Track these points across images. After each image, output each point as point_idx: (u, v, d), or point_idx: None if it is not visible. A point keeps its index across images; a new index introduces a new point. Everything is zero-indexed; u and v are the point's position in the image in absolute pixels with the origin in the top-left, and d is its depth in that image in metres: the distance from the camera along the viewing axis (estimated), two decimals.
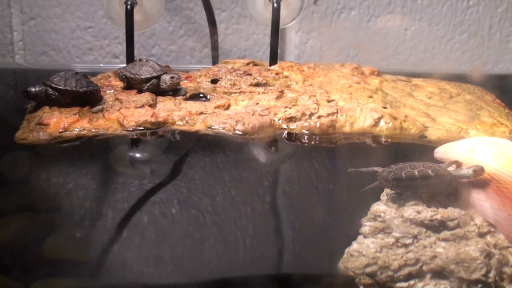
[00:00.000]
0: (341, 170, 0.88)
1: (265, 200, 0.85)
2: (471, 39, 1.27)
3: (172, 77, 0.97)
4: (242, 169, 0.91)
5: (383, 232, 0.65)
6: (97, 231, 0.78)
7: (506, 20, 1.27)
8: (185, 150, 0.91)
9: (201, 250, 0.74)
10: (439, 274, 0.61)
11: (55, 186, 0.86)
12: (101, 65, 1.22)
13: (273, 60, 1.12)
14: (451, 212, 0.68)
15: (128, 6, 1.10)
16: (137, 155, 0.92)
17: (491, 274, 0.61)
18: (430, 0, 1.26)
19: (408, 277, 0.61)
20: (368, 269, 0.63)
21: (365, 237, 0.65)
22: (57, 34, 1.25)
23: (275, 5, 1.11)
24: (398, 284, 0.61)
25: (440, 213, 0.68)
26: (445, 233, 0.64)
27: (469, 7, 1.26)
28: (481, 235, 0.64)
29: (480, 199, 0.69)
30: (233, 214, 0.81)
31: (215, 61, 1.18)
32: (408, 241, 0.64)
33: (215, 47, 1.20)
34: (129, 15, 1.10)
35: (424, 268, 0.61)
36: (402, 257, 0.62)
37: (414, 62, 1.28)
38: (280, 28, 1.20)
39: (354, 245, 0.64)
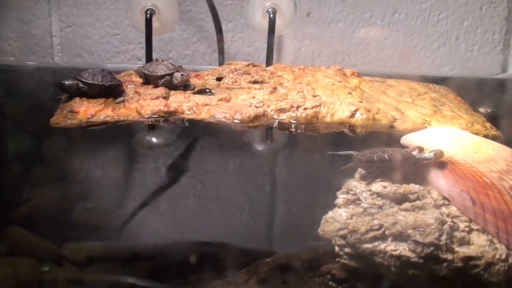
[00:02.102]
0: (322, 153, 0.87)
1: (258, 177, 0.85)
2: (441, 47, 1.27)
3: (182, 75, 0.98)
4: (239, 150, 0.91)
5: (354, 203, 0.66)
6: (121, 200, 0.78)
7: (471, 32, 1.26)
8: (192, 134, 0.92)
9: (207, 211, 0.75)
10: (399, 237, 0.61)
11: (83, 162, 0.87)
12: (125, 65, 1.22)
13: (269, 62, 1.12)
14: (412, 187, 0.67)
15: (148, 15, 1.09)
16: (152, 137, 0.93)
17: (443, 238, 0.61)
18: (405, 15, 1.25)
19: (373, 239, 0.61)
20: (341, 232, 0.63)
21: (339, 207, 0.66)
22: (89, 39, 1.25)
23: (271, 15, 1.11)
24: (365, 245, 0.61)
25: (403, 188, 0.67)
26: (406, 204, 0.65)
27: (439, 20, 1.25)
28: (437, 206, 0.65)
29: (437, 177, 0.69)
30: (231, 185, 0.82)
31: (221, 63, 1.18)
32: (374, 210, 0.65)
33: (221, 52, 1.20)
34: (149, 23, 1.10)
35: (387, 232, 0.61)
36: (368, 223, 0.63)
37: (392, 67, 1.27)
38: (276, 35, 1.16)
39: (330, 213, 0.65)
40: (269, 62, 1.13)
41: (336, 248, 0.62)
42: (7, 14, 1.22)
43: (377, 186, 0.67)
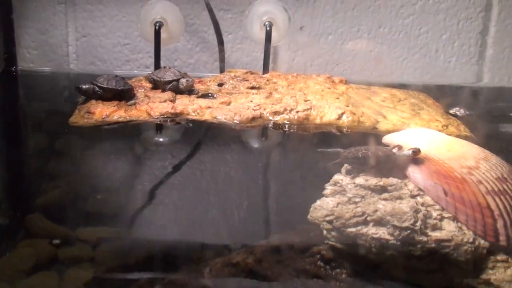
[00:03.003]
0: (313, 150, 0.88)
1: (255, 170, 0.86)
2: (421, 59, 1.27)
3: (187, 80, 0.99)
4: (238, 147, 0.90)
5: (340, 193, 0.67)
6: (131, 190, 0.79)
7: (449, 45, 1.26)
8: (195, 133, 0.92)
9: (209, 200, 0.76)
10: (379, 222, 0.62)
11: (97, 157, 0.87)
12: (135, 71, 1.22)
13: (265, 70, 1.14)
14: (391, 180, 0.67)
15: (157, 27, 1.10)
16: (160, 136, 0.94)
17: (418, 223, 0.62)
18: (389, 29, 1.25)
19: (356, 224, 0.62)
20: (327, 218, 0.63)
21: (326, 197, 0.67)
22: (103, 48, 1.25)
23: (267, 28, 1.11)
24: (349, 229, 0.62)
25: (383, 181, 0.67)
26: (385, 195, 0.65)
27: (420, 34, 1.25)
28: (412, 196, 0.65)
29: (414, 171, 0.70)
30: (231, 177, 0.83)
31: (222, 71, 1.19)
32: (358, 200, 0.65)
33: (222, 60, 1.20)
34: (157, 34, 1.10)
35: (368, 218, 0.62)
36: (352, 210, 0.64)
37: (376, 76, 1.26)
38: (272, 46, 1.16)
39: (318, 202, 0.66)
40: (265, 70, 1.14)
41: (324, 232, 0.63)
42: (27, 24, 1.22)
43: (361, 179, 0.68)
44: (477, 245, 0.61)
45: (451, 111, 1.04)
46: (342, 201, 0.65)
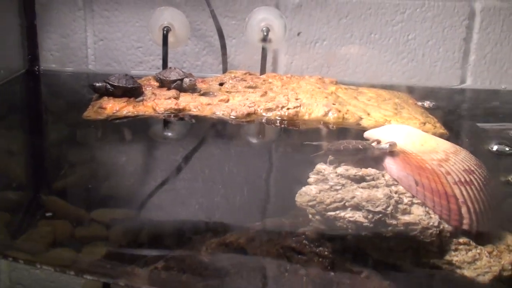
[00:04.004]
0: (300, 143, 0.88)
1: (249, 160, 0.86)
2: (409, 63, 1.26)
3: (190, 80, 0.99)
4: (234, 140, 0.91)
5: (322, 182, 0.67)
6: (141, 176, 0.79)
7: (435, 51, 1.26)
8: (196, 127, 0.92)
9: (209, 187, 0.76)
10: (355, 207, 0.62)
11: (109, 147, 0.88)
12: (146, 72, 1.23)
13: (262, 71, 1.15)
14: (369, 171, 0.67)
15: (165, 32, 1.11)
16: (164, 128, 0.94)
17: (389, 208, 0.62)
18: (380, 35, 1.25)
19: (336, 209, 0.63)
20: (310, 203, 0.64)
21: (310, 184, 0.67)
22: (118, 51, 1.26)
23: (265, 33, 1.12)
24: (329, 213, 0.62)
25: (362, 171, 0.67)
26: (363, 184, 0.66)
27: (408, 40, 1.25)
28: (387, 185, 0.65)
29: (390, 163, 0.70)
30: (228, 166, 0.83)
31: (224, 72, 1.19)
32: (338, 187, 0.65)
33: (225, 63, 1.22)
34: (165, 38, 1.11)
35: (346, 204, 0.63)
36: (332, 197, 0.64)
37: (367, 78, 1.26)
38: (270, 50, 1.19)
39: (303, 189, 0.66)
40: (262, 71, 1.14)
41: (310, 216, 0.63)
42: (50, 29, 1.24)
43: (342, 169, 0.68)
44: (441, 228, 0.61)
45: (419, 103, 1.04)
46: (324, 189, 0.65)
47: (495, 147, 0.85)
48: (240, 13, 1.23)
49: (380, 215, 0.62)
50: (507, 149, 0.76)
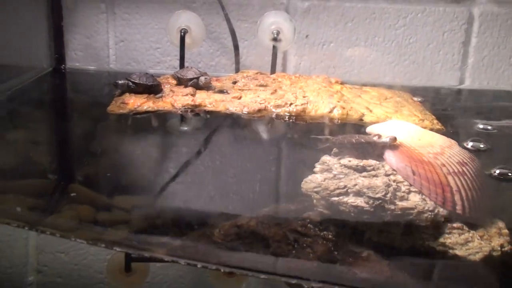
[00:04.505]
0: (307, 136, 0.88)
1: (259, 151, 0.87)
2: (411, 64, 1.27)
3: (205, 78, 1.00)
4: (246, 133, 0.91)
5: (327, 171, 0.68)
6: (160, 165, 0.80)
7: (435, 53, 1.26)
8: (211, 121, 0.93)
9: (222, 175, 0.76)
10: (357, 194, 0.63)
11: (130, 139, 0.89)
12: (164, 71, 1.24)
13: (272, 71, 1.16)
14: (370, 162, 0.68)
15: (182, 34, 1.12)
16: (182, 122, 0.95)
17: (388, 195, 0.63)
18: (383, 38, 1.25)
19: (339, 194, 0.64)
20: (315, 189, 0.65)
21: (316, 173, 0.68)
22: (137, 51, 1.28)
23: (275, 36, 1.13)
24: (333, 198, 0.63)
25: (363, 162, 0.68)
26: (364, 173, 0.67)
27: (410, 43, 1.26)
28: (386, 175, 0.66)
29: (389, 155, 0.71)
30: (241, 156, 0.84)
31: (237, 71, 1.20)
32: (341, 176, 0.67)
33: (237, 63, 1.23)
34: (182, 39, 1.13)
35: (349, 190, 0.64)
36: (336, 184, 0.65)
37: (371, 78, 1.27)
38: (280, 51, 1.20)
39: (309, 177, 0.67)
40: (272, 71, 1.15)
41: (314, 201, 0.64)
42: (75, 30, 1.26)
43: (345, 160, 0.69)
44: (436, 212, 0.62)
45: (415, 98, 1.06)
46: (328, 177, 0.67)
47: (470, 144, 0.85)
48: (252, 16, 1.24)
49: (380, 201, 0.63)
50: (481, 145, 0.77)
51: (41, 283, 1.34)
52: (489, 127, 0.96)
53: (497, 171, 0.70)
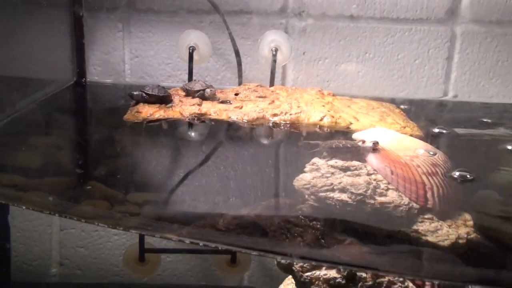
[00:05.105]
0: (299, 142, 0.91)
1: (258, 154, 0.89)
2: (399, 79, 1.29)
3: (211, 90, 1.03)
4: (245, 138, 0.93)
5: (316, 171, 0.71)
6: (170, 166, 0.82)
7: (421, 68, 1.29)
8: (215, 128, 0.94)
9: (225, 176, 0.77)
10: (342, 190, 0.67)
11: (144, 143, 0.90)
12: (175, 84, 1.26)
13: (271, 84, 1.19)
14: (354, 163, 0.72)
15: (190, 51, 1.16)
16: (189, 129, 0.97)
17: (369, 191, 0.67)
18: (374, 54, 1.28)
19: (326, 191, 0.67)
20: (306, 186, 0.68)
21: (306, 172, 0.71)
22: (150, 66, 1.30)
23: (273, 53, 1.17)
24: (321, 194, 0.67)
25: (348, 163, 0.72)
26: (348, 173, 0.70)
27: (398, 59, 1.29)
28: (368, 174, 0.70)
29: (371, 158, 0.75)
30: (241, 158, 0.85)
31: (239, 84, 1.22)
32: (328, 175, 0.70)
33: (240, 77, 1.26)
34: (191, 56, 1.15)
35: (334, 187, 0.67)
36: (323, 182, 0.68)
37: (363, 91, 1.29)
38: (279, 66, 1.22)
39: (300, 176, 0.70)
40: (271, 84, 1.17)
41: (306, 196, 0.67)
42: (94, 47, 1.29)
43: (332, 162, 0.73)
44: (410, 206, 0.66)
45: (401, 107, 1.09)
46: (317, 176, 0.70)
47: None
48: (253, 35, 1.25)
49: (361, 196, 0.67)
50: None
51: (63, 275, 1.38)
52: (461, 132, 0.99)
53: (457, 173, 0.74)
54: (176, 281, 1.40)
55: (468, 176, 0.74)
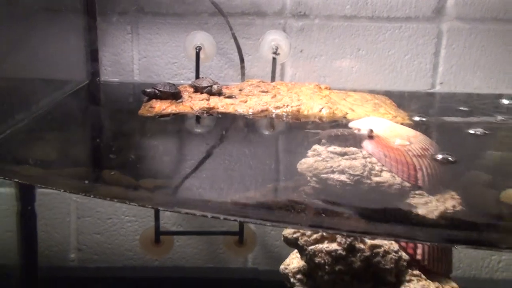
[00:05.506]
0: (301, 130, 0.93)
1: (263, 143, 0.90)
2: (390, 73, 1.33)
3: (217, 86, 1.06)
4: (251, 128, 0.95)
5: (317, 156, 0.74)
6: (178, 156, 0.83)
7: (410, 63, 1.32)
8: (223, 120, 0.96)
9: (233, 162, 0.79)
10: (341, 172, 0.69)
11: (158, 135, 0.92)
12: (181, 81, 1.29)
13: (272, 80, 1.23)
14: (351, 149, 0.74)
15: (197, 50, 1.20)
16: (199, 121, 0.99)
17: (365, 173, 0.69)
18: (366, 51, 1.31)
19: (326, 172, 0.70)
20: (308, 169, 0.71)
21: (308, 157, 0.74)
22: (157, 66, 1.33)
23: (274, 50, 1.21)
24: (322, 175, 0.69)
25: (345, 149, 0.74)
26: (346, 157, 0.73)
27: (389, 55, 1.32)
28: (364, 158, 0.72)
29: (367, 143, 0.77)
30: (248, 146, 0.87)
31: (242, 81, 1.25)
32: (328, 159, 0.72)
33: (243, 74, 1.29)
34: (197, 55, 1.18)
35: (334, 170, 0.70)
36: (324, 165, 0.71)
37: (356, 85, 1.32)
38: (279, 63, 1.26)
39: (303, 160, 0.73)
40: (272, 80, 1.20)
41: (308, 178, 0.70)
42: (106, 49, 1.32)
43: (331, 148, 0.75)
44: (403, 185, 0.68)
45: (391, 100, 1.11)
46: (318, 160, 0.73)
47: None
48: (255, 35, 1.28)
49: (358, 177, 0.69)
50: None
51: (81, 259, 1.42)
52: (435, 120, 1.02)
53: (440, 156, 0.78)
54: (185, 264, 1.43)
55: (450, 158, 0.79)
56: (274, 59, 1.18)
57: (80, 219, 1.45)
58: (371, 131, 0.80)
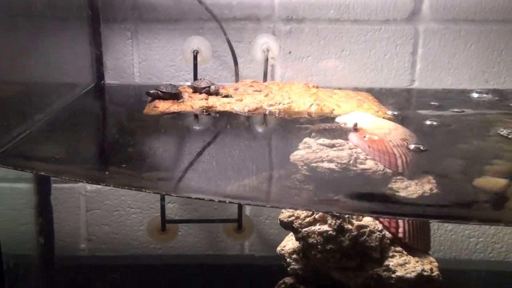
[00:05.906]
0: (292, 126, 0.95)
1: (258, 137, 0.92)
2: (371, 72, 1.35)
3: (215, 86, 1.10)
4: (247, 125, 0.98)
5: (308, 148, 0.77)
6: (181, 150, 0.86)
7: (390, 62, 1.35)
8: (221, 118, 0.99)
9: (232, 156, 0.81)
10: (329, 161, 0.73)
11: (162, 132, 0.94)
12: (179, 83, 1.31)
13: (265, 80, 1.27)
14: (338, 141, 0.77)
15: (194, 54, 1.24)
16: (198, 119, 1.02)
17: (351, 161, 0.73)
18: (350, 52, 1.34)
19: (316, 162, 0.73)
20: (300, 159, 0.74)
21: (299, 149, 0.76)
22: (157, 69, 1.36)
23: (265, 52, 1.25)
24: (312, 164, 0.72)
25: (333, 141, 0.77)
26: (334, 148, 0.76)
27: (370, 55, 1.34)
28: (350, 149, 0.76)
29: (352, 136, 0.80)
30: (244, 141, 0.89)
31: (236, 81, 1.28)
32: (318, 151, 0.75)
33: (237, 75, 1.32)
34: (195, 58, 1.21)
35: (323, 159, 0.73)
36: (314, 156, 0.74)
37: (341, 84, 1.35)
38: (269, 65, 1.29)
39: (295, 152, 0.75)
40: (264, 80, 1.23)
41: (299, 167, 0.73)
42: (108, 54, 1.35)
43: (321, 140, 0.78)
44: (385, 171, 0.73)
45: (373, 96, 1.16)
46: (308, 152, 0.76)
47: None
48: (247, 38, 1.30)
49: (345, 165, 0.73)
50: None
51: (91, 249, 1.46)
52: (405, 113, 1.06)
53: (412, 146, 0.83)
54: (187, 252, 1.48)
55: (421, 147, 0.84)
56: (266, 60, 1.22)
57: (89, 211, 1.48)
58: (356, 125, 0.83)
